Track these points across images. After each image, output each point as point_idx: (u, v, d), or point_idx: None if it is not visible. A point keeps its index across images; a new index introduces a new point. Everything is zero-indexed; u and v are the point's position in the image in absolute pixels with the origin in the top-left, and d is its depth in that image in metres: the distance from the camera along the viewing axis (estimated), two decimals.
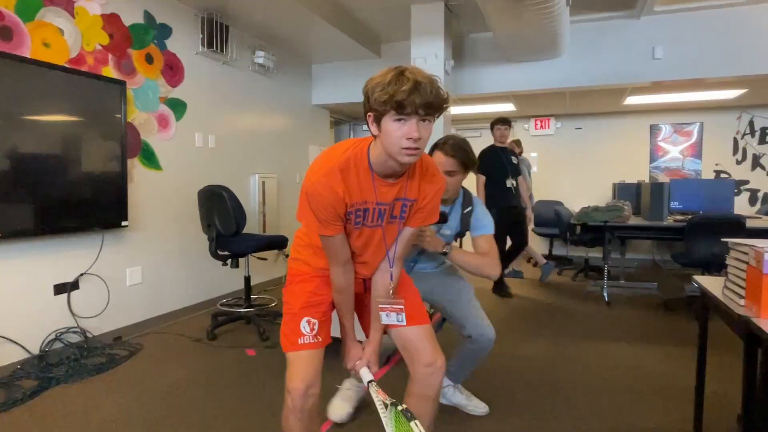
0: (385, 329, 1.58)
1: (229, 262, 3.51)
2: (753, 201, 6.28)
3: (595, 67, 4.77)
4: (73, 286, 3.11)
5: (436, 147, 2.07)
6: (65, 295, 3.06)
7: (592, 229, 4.50)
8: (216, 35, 4.16)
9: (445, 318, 2.35)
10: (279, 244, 3.67)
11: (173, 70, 3.86)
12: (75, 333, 3.09)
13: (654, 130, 6.68)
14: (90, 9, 3.17)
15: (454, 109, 6.39)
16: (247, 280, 3.74)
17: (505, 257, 4.91)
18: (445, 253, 2.07)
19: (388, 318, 1.50)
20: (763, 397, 1.49)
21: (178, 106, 3.93)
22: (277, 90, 5.28)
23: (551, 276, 5.58)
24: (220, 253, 3.49)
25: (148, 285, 3.66)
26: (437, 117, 1.27)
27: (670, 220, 4.35)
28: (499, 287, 4.79)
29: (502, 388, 2.59)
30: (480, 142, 6.55)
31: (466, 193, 2.23)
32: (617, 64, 4.70)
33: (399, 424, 1.23)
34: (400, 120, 1.21)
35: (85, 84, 3.06)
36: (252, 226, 4.78)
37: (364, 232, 1.45)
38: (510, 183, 4.64)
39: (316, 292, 1.54)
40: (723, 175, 6.38)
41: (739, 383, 1.65)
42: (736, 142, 6.32)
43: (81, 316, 3.15)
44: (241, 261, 3.64)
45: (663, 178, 6.49)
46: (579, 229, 4.82)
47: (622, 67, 4.69)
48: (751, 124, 6.24)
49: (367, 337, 1.62)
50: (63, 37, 3.00)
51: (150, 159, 3.67)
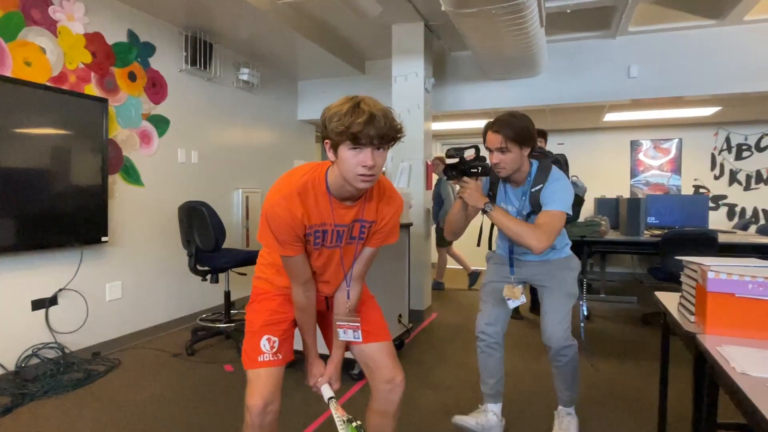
0: (347, 346, 1.62)
1: (208, 277, 3.53)
2: (731, 216, 6.40)
3: (573, 85, 4.89)
4: (52, 301, 3.12)
5: (487, 127, 2.05)
6: (43, 310, 3.07)
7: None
8: (200, 53, 4.23)
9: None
10: None
11: (156, 87, 3.92)
12: (52, 348, 3.09)
13: (635, 145, 6.80)
14: (73, 28, 3.23)
15: (437, 125, 6.48)
16: (227, 295, 3.76)
17: None
18: (485, 211, 1.97)
19: (345, 335, 1.54)
20: (708, 411, 1.55)
21: (161, 123, 3.97)
22: (263, 106, 5.34)
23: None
24: (200, 268, 3.51)
25: (128, 300, 3.67)
26: (392, 146, 1.33)
27: (646, 235, 4.42)
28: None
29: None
30: None
31: (541, 171, 2.07)
32: (594, 82, 4.82)
33: None
34: (355, 149, 1.27)
35: (67, 101, 3.10)
36: (235, 241, 4.81)
37: (324, 252, 1.49)
38: None
39: (277, 311, 1.58)
40: (702, 190, 6.50)
41: None
42: (713, 157, 6.46)
43: (59, 332, 3.16)
44: (221, 276, 3.66)
45: (648, 194, 6.59)
46: None
47: (599, 85, 4.81)
48: (728, 140, 6.39)
49: (330, 353, 1.66)
50: (45, 56, 3.04)
51: (131, 175, 3.70)
